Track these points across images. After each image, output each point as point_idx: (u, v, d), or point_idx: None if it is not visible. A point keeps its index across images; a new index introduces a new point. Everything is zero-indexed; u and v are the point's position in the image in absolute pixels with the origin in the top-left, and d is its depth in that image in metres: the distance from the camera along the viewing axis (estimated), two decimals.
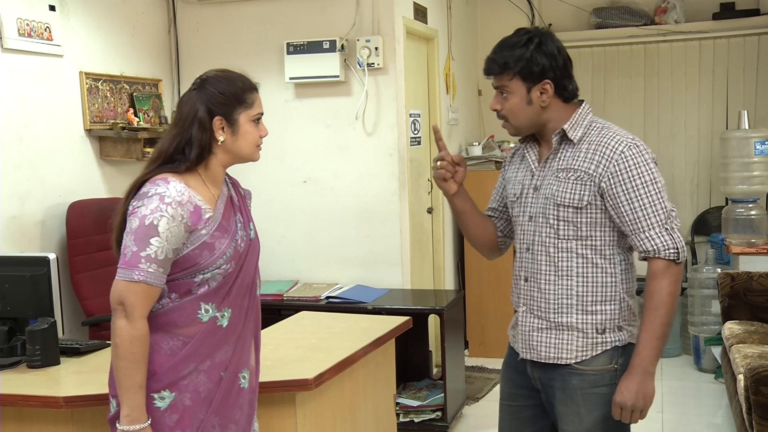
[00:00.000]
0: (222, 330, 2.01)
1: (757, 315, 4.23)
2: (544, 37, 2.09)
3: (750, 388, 3.12)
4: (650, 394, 2.03)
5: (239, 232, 2.04)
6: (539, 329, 2.15)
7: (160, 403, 1.95)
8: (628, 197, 2.01)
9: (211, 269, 1.96)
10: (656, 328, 2.02)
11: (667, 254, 2.01)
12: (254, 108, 2.03)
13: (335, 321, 3.18)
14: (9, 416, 2.36)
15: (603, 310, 2.09)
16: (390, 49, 4.37)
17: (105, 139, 4.11)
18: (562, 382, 2.13)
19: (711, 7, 5.81)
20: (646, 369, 2.02)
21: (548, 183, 2.12)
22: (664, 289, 2.02)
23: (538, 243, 2.14)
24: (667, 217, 2.02)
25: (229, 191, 2.09)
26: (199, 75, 2.05)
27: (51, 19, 3.79)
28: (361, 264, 4.53)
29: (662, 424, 4.17)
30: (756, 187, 5.08)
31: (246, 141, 2.02)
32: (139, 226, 1.89)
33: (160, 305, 1.96)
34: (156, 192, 1.91)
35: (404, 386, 4.29)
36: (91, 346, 2.77)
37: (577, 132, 2.09)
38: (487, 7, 6.14)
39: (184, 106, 2.01)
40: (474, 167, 5.34)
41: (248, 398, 2.11)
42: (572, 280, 2.09)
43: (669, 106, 6.01)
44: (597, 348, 2.09)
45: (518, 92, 2.09)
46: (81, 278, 3.74)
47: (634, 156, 2.02)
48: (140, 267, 1.87)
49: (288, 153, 4.61)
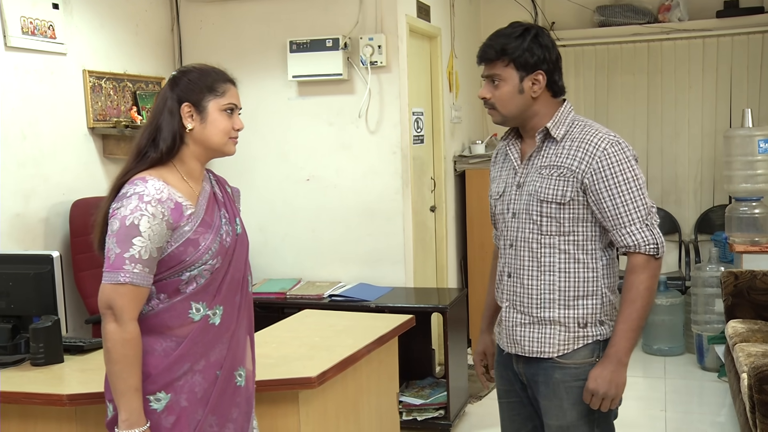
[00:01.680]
0: (215, 328, 1.99)
1: (760, 313, 4.22)
2: (540, 31, 2.15)
3: (753, 387, 3.12)
4: (622, 383, 2.08)
5: (224, 227, 2.02)
6: (522, 324, 2.19)
7: (156, 404, 1.93)
8: (610, 193, 2.06)
9: (197, 266, 1.94)
10: (632, 320, 2.07)
11: (648, 249, 2.06)
12: (225, 98, 2.01)
13: (338, 319, 3.19)
14: (12, 414, 2.36)
15: (585, 304, 2.13)
16: (393, 47, 4.36)
17: (108, 137, 4.11)
18: (545, 376, 2.17)
19: (715, 5, 5.80)
20: (620, 359, 2.07)
21: (531, 180, 2.15)
22: (643, 283, 2.06)
23: (521, 239, 2.17)
24: (647, 213, 2.08)
25: (212, 188, 2.07)
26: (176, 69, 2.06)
27: (54, 17, 3.79)
28: (364, 262, 4.53)
29: (665, 423, 4.17)
30: (760, 185, 5.07)
31: (216, 129, 1.99)
32: (120, 227, 1.87)
33: (150, 307, 1.95)
34: (134, 192, 1.90)
35: (407, 384, 4.30)
36: (94, 343, 2.77)
37: (560, 130, 2.13)
38: (491, 5, 6.14)
39: (157, 99, 2.03)
40: (477, 165, 5.34)
41: (245, 396, 2.09)
42: (554, 276, 2.13)
43: (672, 104, 6.00)
44: (579, 342, 2.13)
45: (511, 80, 2.12)
46: (84, 276, 3.75)
47: (616, 153, 2.06)
48: (125, 268, 1.85)
49: (291, 151, 4.61)
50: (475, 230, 5.39)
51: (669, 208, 5.99)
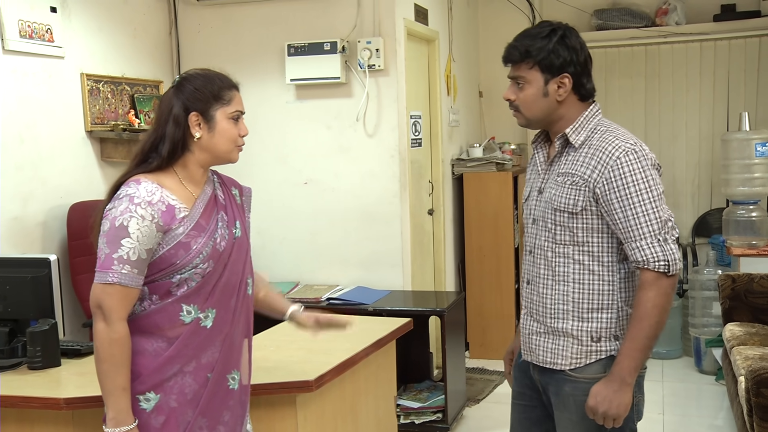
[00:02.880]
0: (206, 331, 1.98)
1: (758, 317, 4.23)
2: (567, 31, 2.09)
3: (751, 390, 3.12)
4: (625, 403, 1.98)
5: (219, 231, 2.01)
6: (537, 333, 2.15)
7: (145, 404, 1.94)
8: (621, 205, 1.97)
9: (187, 269, 1.94)
10: (638, 339, 1.97)
11: (657, 266, 1.96)
12: (232, 105, 2.01)
13: None
14: (10, 417, 2.36)
15: (599, 318, 2.06)
16: (391, 51, 4.37)
17: (106, 140, 4.11)
18: (556, 387, 2.12)
19: (712, 8, 5.81)
20: (623, 379, 1.98)
21: (549, 186, 2.11)
22: (650, 300, 1.96)
23: (538, 247, 2.13)
24: (660, 228, 1.98)
25: (214, 190, 2.07)
26: (180, 73, 2.05)
27: (52, 20, 3.79)
28: (362, 265, 4.53)
29: (663, 426, 4.17)
30: (757, 188, 5.08)
31: (223, 138, 2.00)
32: (110, 228, 1.89)
33: (142, 308, 1.96)
34: (126, 193, 1.92)
35: (405, 388, 4.29)
36: (92, 347, 2.75)
37: (580, 136, 2.06)
38: (488, 9, 6.15)
39: (161, 105, 2.02)
40: (475, 169, 5.35)
41: (239, 399, 2.09)
42: (568, 286, 2.07)
43: (670, 107, 6.01)
44: (591, 356, 2.07)
45: (535, 83, 2.06)
46: (82, 279, 3.75)
47: (630, 162, 1.97)
48: (113, 269, 1.87)
49: (289, 154, 4.61)
50: (473, 233, 5.39)
51: None
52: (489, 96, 6.13)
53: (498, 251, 5.32)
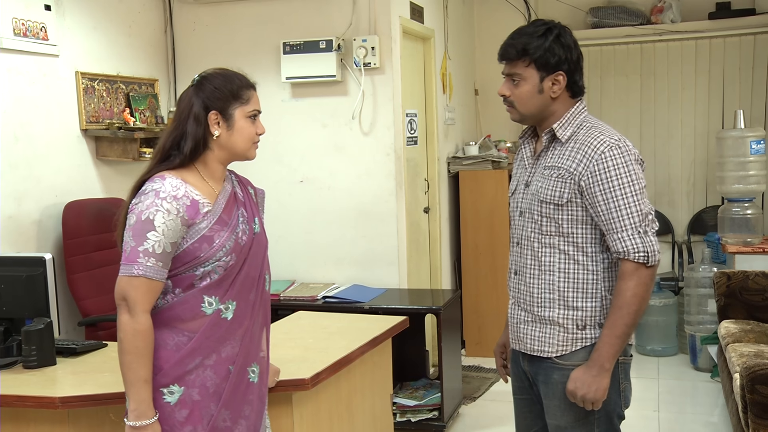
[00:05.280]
0: (227, 323, 2.02)
1: (752, 314, 4.24)
2: (562, 30, 2.14)
3: (746, 387, 3.13)
4: (602, 388, 2.06)
5: (240, 225, 2.07)
6: (525, 321, 2.21)
7: (169, 398, 1.96)
8: (604, 197, 2.05)
9: (211, 262, 1.99)
10: (617, 326, 2.05)
11: (637, 257, 2.03)
12: (250, 104, 2.06)
13: (332, 321, 3.18)
14: (5, 417, 2.35)
15: (584, 306, 2.12)
16: (386, 49, 4.36)
17: (101, 139, 4.10)
18: (545, 375, 2.18)
19: (707, 6, 5.82)
20: (602, 365, 2.06)
21: (536, 179, 2.17)
22: (629, 290, 2.03)
23: (524, 238, 2.19)
24: (641, 220, 2.05)
25: (233, 188, 2.12)
26: (199, 73, 2.08)
27: (47, 18, 3.78)
28: (358, 264, 4.53)
29: (659, 423, 4.18)
30: (752, 186, 5.09)
31: (241, 136, 2.05)
32: (136, 221, 1.93)
33: (165, 301, 1.99)
34: (152, 188, 1.96)
35: (401, 386, 4.30)
36: (87, 346, 2.76)
37: (567, 131, 2.13)
38: (484, 7, 6.14)
39: (181, 103, 2.06)
40: (470, 167, 5.35)
41: (258, 393, 2.12)
42: (554, 276, 2.13)
43: (665, 105, 6.02)
44: (576, 344, 2.13)
45: (531, 80, 2.12)
46: (77, 278, 3.73)
47: (614, 157, 2.04)
48: (139, 261, 1.90)
49: (285, 153, 4.61)
50: (469, 231, 5.40)
51: (662, 209, 6.00)
52: (485, 94, 6.13)
53: (494, 249, 5.32)
